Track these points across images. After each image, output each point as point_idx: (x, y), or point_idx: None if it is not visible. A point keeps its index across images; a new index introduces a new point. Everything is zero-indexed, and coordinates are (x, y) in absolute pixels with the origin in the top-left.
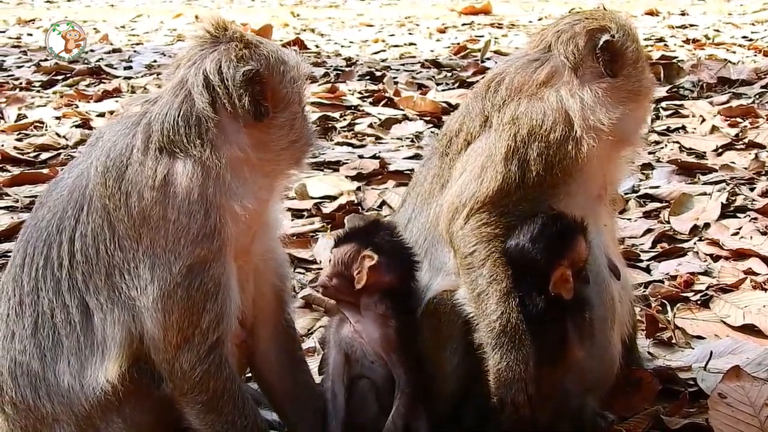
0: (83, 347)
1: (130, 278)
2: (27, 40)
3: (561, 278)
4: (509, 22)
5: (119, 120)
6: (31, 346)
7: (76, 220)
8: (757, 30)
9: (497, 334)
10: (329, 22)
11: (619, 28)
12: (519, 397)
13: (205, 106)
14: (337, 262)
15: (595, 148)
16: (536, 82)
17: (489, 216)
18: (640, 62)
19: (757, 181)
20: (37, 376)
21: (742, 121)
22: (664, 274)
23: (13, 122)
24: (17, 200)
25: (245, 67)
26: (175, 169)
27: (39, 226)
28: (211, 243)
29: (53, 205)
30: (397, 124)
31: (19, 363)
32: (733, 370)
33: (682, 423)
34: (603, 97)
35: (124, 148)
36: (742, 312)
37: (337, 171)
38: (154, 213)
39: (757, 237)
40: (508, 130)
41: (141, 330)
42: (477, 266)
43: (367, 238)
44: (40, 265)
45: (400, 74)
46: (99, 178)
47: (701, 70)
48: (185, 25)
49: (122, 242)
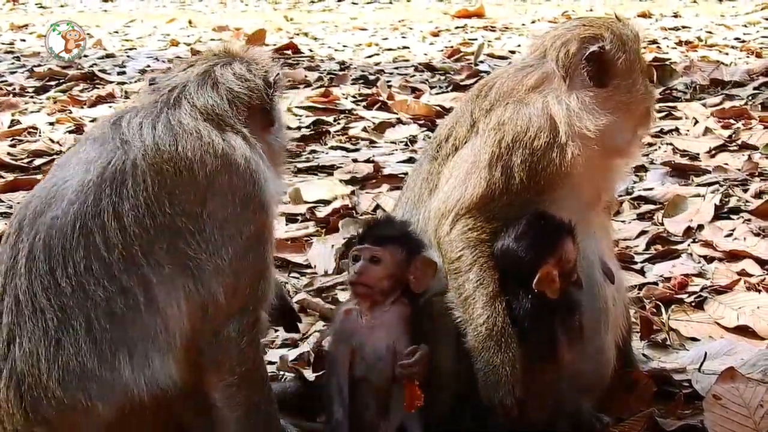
0: (148, 328)
1: (198, 241)
2: (20, 46)
3: (546, 277)
4: (502, 24)
5: (139, 105)
6: (86, 345)
7: (119, 197)
8: (749, 31)
9: (483, 337)
10: (323, 26)
11: (615, 38)
12: (506, 400)
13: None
14: (390, 264)
15: (581, 156)
16: (525, 87)
17: (475, 221)
18: (634, 74)
19: (750, 183)
20: (93, 376)
21: (735, 123)
22: (658, 275)
23: (6, 128)
24: (11, 206)
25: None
26: (231, 142)
27: (59, 225)
28: (268, 214)
29: (74, 197)
30: (391, 127)
31: (71, 368)
32: (728, 372)
33: (677, 424)
34: (591, 105)
35: (172, 120)
36: (736, 313)
37: (332, 175)
38: (219, 178)
39: (751, 238)
40: (493, 136)
41: (203, 297)
42: (464, 271)
43: (410, 239)
44: (78, 259)
45: (393, 78)
46: (150, 148)
47: (694, 72)
48: (178, 29)
49: (184, 206)
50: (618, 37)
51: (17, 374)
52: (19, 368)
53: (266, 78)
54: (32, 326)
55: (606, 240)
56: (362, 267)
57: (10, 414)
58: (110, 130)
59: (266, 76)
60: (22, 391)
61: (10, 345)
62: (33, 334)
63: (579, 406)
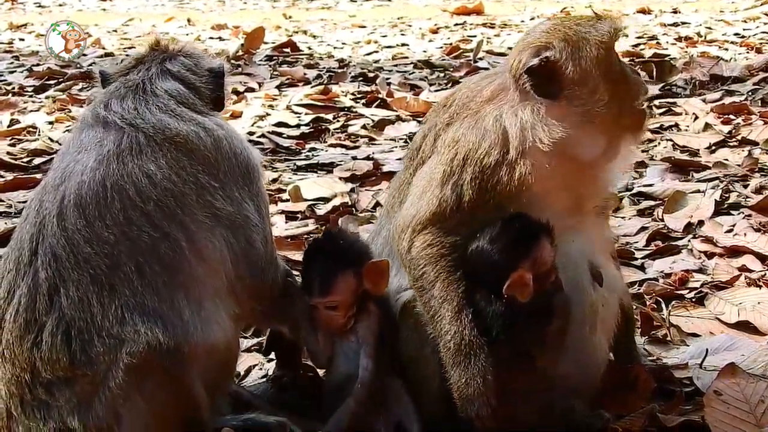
0: (196, 272)
1: (222, 196)
2: (19, 45)
3: (518, 282)
4: (501, 22)
5: (112, 94)
6: (142, 287)
7: (142, 160)
8: (749, 27)
9: (453, 352)
10: (321, 23)
11: (566, 46)
12: (482, 411)
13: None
14: (346, 295)
15: (535, 172)
16: (482, 99)
17: (433, 237)
18: (592, 81)
19: (750, 178)
20: (156, 314)
21: (735, 119)
22: (659, 272)
23: (5, 127)
24: (11, 205)
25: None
26: (212, 121)
27: (87, 186)
28: (262, 176)
29: (96, 165)
30: (390, 125)
31: (131, 307)
32: (729, 368)
33: (678, 421)
34: (545, 117)
35: (160, 105)
36: (736, 309)
37: (331, 173)
38: (222, 146)
39: (751, 234)
40: (446, 153)
41: (242, 245)
42: (428, 288)
43: (351, 257)
44: (116, 212)
45: (392, 75)
46: (155, 126)
47: (694, 68)
48: (177, 28)
49: (201, 167)
50: (572, 44)
51: (66, 321)
52: (68, 315)
53: (212, 69)
54: (77, 276)
55: (599, 242)
56: (324, 317)
57: (54, 360)
58: (105, 115)
59: (212, 68)
60: (71, 336)
61: (52, 297)
62: (80, 282)
63: (571, 406)
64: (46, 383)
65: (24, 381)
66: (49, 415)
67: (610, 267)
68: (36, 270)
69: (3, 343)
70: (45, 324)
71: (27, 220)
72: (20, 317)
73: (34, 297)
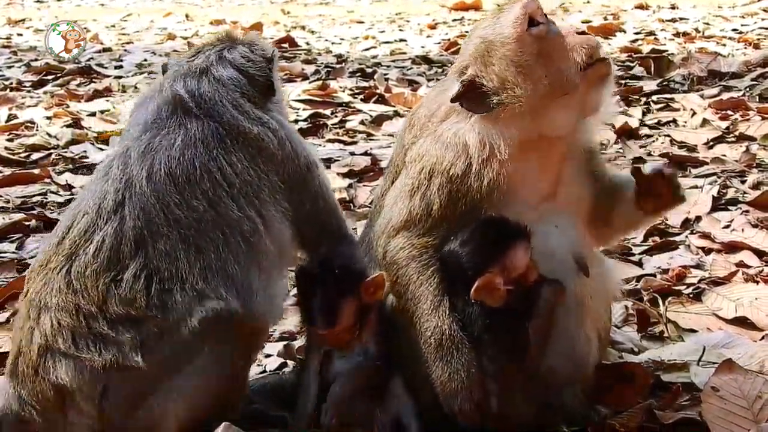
0: (269, 251)
1: (289, 197)
2: (17, 41)
3: (486, 286)
4: None
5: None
6: (225, 254)
7: (224, 150)
8: (747, 23)
9: (435, 348)
10: (319, 19)
11: (477, 59)
12: (465, 406)
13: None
14: (350, 319)
15: (501, 175)
16: (437, 120)
17: (405, 240)
18: (513, 80)
19: (748, 174)
20: (234, 280)
21: (732, 114)
22: (656, 267)
23: (3, 123)
24: (8, 201)
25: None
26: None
27: (177, 162)
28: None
29: (184, 145)
30: (388, 120)
31: (214, 269)
32: (726, 363)
33: (675, 416)
34: (493, 126)
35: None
36: (734, 305)
37: (329, 168)
38: (285, 144)
39: (749, 229)
40: (413, 168)
41: (303, 235)
42: (403, 290)
43: (346, 282)
44: (205, 188)
45: (390, 71)
46: (227, 123)
47: (692, 64)
48: (175, 24)
49: (270, 165)
50: (480, 55)
51: (151, 268)
52: (153, 264)
53: (265, 55)
54: (167, 232)
55: (582, 231)
56: (331, 340)
57: (130, 299)
58: (183, 97)
59: (265, 54)
60: (152, 282)
61: (138, 245)
62: (169, 238)
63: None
64: (113, 319)
65: (86, 312)
66: (106, 348)
67: (599, 258)
68: (123, 218)
69: (73, 273)
70: (128, 266)
71: (109, 175)
72: (103, 254)
73: (120, 240)
